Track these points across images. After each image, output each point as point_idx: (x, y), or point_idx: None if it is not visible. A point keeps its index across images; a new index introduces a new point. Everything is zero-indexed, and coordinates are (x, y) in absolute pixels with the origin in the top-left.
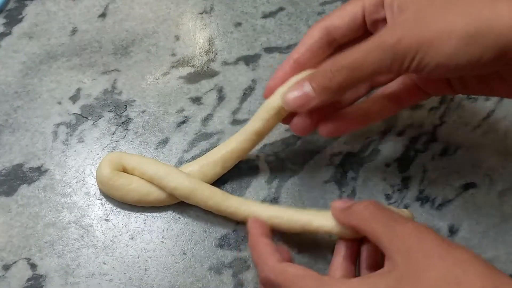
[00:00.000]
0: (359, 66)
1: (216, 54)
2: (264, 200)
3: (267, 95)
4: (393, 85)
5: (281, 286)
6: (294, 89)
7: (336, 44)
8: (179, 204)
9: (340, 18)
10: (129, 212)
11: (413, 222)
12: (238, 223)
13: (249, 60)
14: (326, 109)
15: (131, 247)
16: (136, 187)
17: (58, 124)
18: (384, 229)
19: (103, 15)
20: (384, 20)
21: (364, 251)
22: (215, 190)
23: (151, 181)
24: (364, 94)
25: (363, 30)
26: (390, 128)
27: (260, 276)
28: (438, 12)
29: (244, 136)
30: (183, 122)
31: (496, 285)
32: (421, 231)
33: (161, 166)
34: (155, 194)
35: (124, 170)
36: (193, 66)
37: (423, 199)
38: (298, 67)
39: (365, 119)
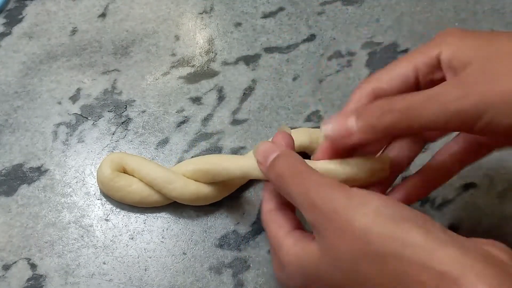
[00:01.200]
0: (413, 114)
1: (216, 54)
2: None
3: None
4: (454, 146)
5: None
6: (335, 121)
7: None
8: (179, 204)
9: (389, 81)
10: (129, 212)
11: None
12: (238, 223)
13: (249, 60)
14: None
15: (131, 247)
16: (137, 189)
17: (58, 124)
18: (301, 197)
19: (103, 15)
20: (442, 80)
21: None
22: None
23: (151, 186)
24: (419, 151)
25: (416, 89)
26: None
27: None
28: (507, 68)
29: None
30: (183, 122)
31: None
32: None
33: (161, 171)
34: (155, 196)
35: (125, 171)
36: (193, 66)
37: (423, 199)
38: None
39: (430, 184)
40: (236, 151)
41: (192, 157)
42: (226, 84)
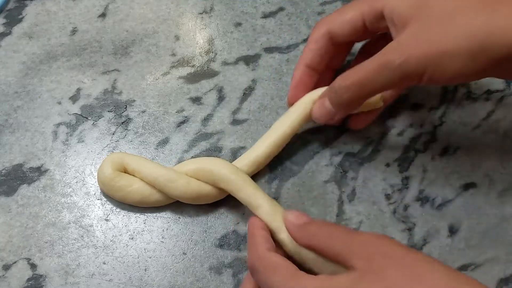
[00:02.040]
0: (367, 84)
1: (216, 54)
2: None
3: (291, 102)
4: None
5: (261, 272)
6: (318, 107)
7: (341, 43)
8: (179, 204)
9: (341, 25)
10: (129, 212)
11: (371, 232)
12: (238, 223)
13: (249, 60)
14: None
15: (131, 247)
16: (138, 188)
17: (58, 124)
18: (342, 244)
19: (103, 15)
20: (385, 28)
21: None
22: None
23: (152, 185)
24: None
25: (365, 32)
26: (390, 128)
27: (248, 262)
28: (441, 29)
29: (274, 138)
30: (183, 122)
31: (461, 285)
32: (380, 237)
33: (162, 169)
34: (156, 195)
35: (125, 171)
36: (193, 66)
37: (423, 199)
38: (311, 72)
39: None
40: (236, 151)
41: (192, 157)
42: (226, 84)
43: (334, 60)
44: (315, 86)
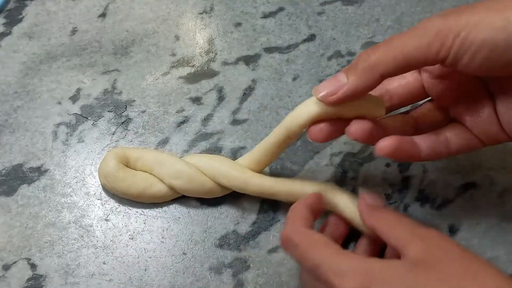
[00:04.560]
0: (397, 44)
1: (216, 54)
2: (264, 200)
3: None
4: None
5: (299, 246)
6: (329, 80)
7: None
8: (179, 204)
9: (398, 83)
10: (129, 212)
11: (433, 229)
12: (238, 223)
13: (249, 60)
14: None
15: (131, 247)
16: (140, 179)
17: (58, 124)
18: (404, 230)
19: (103, 15)
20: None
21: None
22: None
23: (152, 170)
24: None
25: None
26: None
27: (282, 234)
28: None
29: (280, 131)
30: (183, 122)
31: None
32: (441, 234)
33: (165, 154)
34: (158, 185)
35: (127, 165)
36: (193, 66)
37: (423, 199)
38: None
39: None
40: (236, 151)
41: None
42: (226, 84)
43: None
44: None
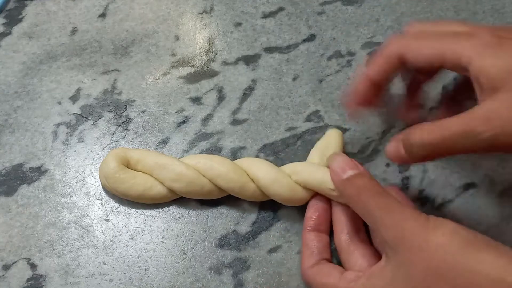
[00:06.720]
0: (447, 147)
1: (216, 54)
2: (264, 200)
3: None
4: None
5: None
6: (393, 149)
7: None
8: (179, 204)
9: (416, 57)
10: (129, 212)
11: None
12: (238, 223)
13: (249, 60)
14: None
15: (131, 247)
16: (141, 180)
17: (58, 124)
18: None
19: (103, 15)
20: (467, 76)
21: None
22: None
23: (152, 172)
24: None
25: (440, 69)
26: (390, 128)
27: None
28: None
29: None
30: (183, 122)
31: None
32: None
33: (167, 157)
34: (158, 186)
35: (128, 166)
36: (193, 66)
37: (423, 199)
38: (372, 86)
39: None
40: (236, 151)
41: None
42: (226, 84)
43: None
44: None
